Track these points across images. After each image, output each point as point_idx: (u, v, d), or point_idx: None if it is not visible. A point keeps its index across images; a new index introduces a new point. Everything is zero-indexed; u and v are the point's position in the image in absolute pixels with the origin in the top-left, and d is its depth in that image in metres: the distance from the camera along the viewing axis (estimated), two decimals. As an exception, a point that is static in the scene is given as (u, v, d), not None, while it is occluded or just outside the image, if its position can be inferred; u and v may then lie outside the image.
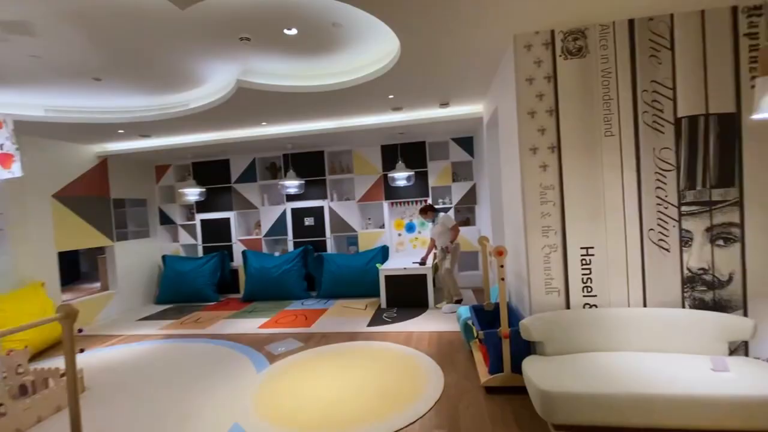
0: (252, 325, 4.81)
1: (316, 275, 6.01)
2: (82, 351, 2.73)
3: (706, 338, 2.41)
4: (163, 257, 6.57)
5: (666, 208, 2.62)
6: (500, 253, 2.66)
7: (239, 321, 5.03)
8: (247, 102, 3.98)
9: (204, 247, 6.69)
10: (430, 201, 6.08)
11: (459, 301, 4.84)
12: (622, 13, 2.52)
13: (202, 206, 6.63)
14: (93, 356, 4.07)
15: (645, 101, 2.61)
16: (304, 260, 6.09)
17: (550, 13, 2.45)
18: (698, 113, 2.56)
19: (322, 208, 6.30)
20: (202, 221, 6.67)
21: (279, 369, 3.40)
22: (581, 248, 2.70)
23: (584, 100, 2.66)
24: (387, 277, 5.13)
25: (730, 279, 2.58)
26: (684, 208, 2.61)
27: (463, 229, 5.95)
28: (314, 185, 6.32)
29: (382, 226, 6.32)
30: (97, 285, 6.88)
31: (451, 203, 6.09)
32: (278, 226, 6.47)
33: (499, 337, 2.68)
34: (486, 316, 3.32)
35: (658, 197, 2.63)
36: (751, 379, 2.03)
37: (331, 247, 6.34)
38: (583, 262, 2.70)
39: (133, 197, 6.39)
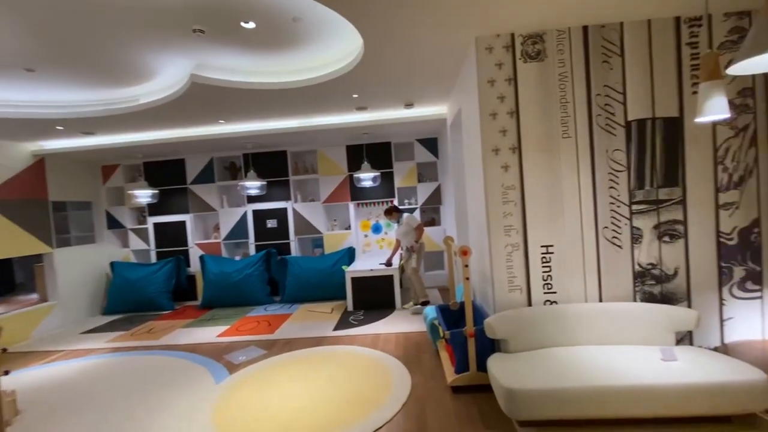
0: (211, 333, 4.56)
1: (279, 279, 5.82)
2: (6, 373, 2.46)
3: (656, 329, 2.55)
4: (112, 264, 6.10)
5: (618, 206, 2.75)
6: (465, 252, 2.68)
7: (197, 330, 4.76)
8: (202, 98, 3.78)
9: (157, 253, 6.29)
10: (396, 202, 6.08)
11: (425, 303, 4.85)
12: (577, 19, 2.62)
13: (155, 209, 6.23)
14: (29, 375, 3.68)
15: (598, 105, 2.72)
16: (266, 264, 5.88)
17: (510, 17, 2.50)
18: (646, 117, 2.71)
19: (285, 209, 6.12)
20: (156, 225, 6.27)
21: (240, 379, 3.23)
22: (542, 246, 2.78)
23: (543, 103, 2.74)
24: (353, 279, 5.06)
25: (676, 273, 2.75)
26: (634, 207, 2.75)
27: (428, 229, 6.01)
28: (277, 186, 6.13)
29: (348, 228, 6.24)
30: (35, 296, 6.28)
31: (416, 204, 6.12)
32: (239, 229, 6.21)
33: (464, 337, 2.69)
34: (452, 316, 3.35)
35: (611, 196, 2.75)
36: (695, 367, 2.16)
37: (295, 249, 6.17)
38: (544, 260, 2.78)
39: (76, 200, 5.89)
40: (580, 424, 2.20)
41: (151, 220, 6.27)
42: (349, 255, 5.84)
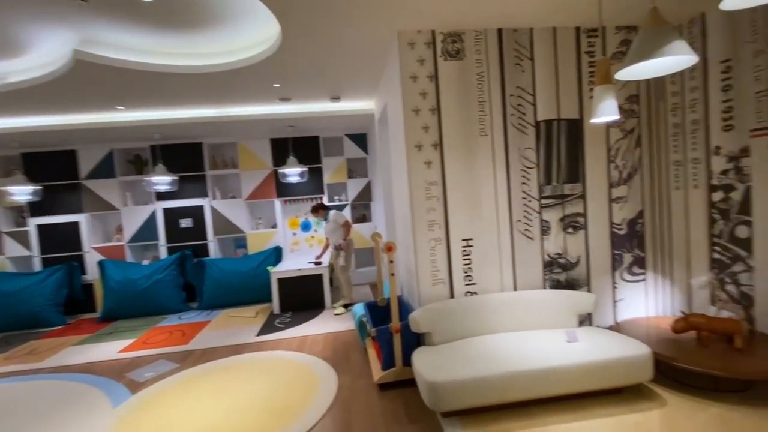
0: (111, 349, 4.01)
1: (196, 284, 5.32)
2: None
3: (562, 313, 2.78)
4: (-21, 275, 5.07)
5: (530, 201, 2.94)
6: (390, 248, 2.66)
7: (93, 346, 4.14)
8: (92, 79, 3.26)
9: (43, 259, 5.37)
10: (325, 198, 5.92)
11: (348, 305, 4.78)
12: (492, 22, 2.72)
13: (38, 208, 5.30)
14: None
15: (512, 105, 2.88)
16: (181, 268, 5.34)
17: (430, 12, 2.51)
18: (552, 118, 2.93)
19: (202, 207, 5.61)
20: (40, 227, 5.34)
21: (145, 398, 2.86)
22: (462, 240, 2.86)
23: (462, 101, 2.82)
24: (280, 280, 4.81)
25: (578, 261, 3.03)
26: (543, 201, 2.96)
27: (359, 226, 5.96)
28: (191, 182, 5.59)
29: (275, 226, 5.93)
30: None
31: (347, 200, 6.02)
32: (146, 230, 5.55)
33: (390, 333, 2.68)
34: (380, 312, 3.32)
35: (523, 192, 2.93)
36: (593, 346, 2.38)
37: (214, 251, 5.69)
38: (464, 253, 2.87)
39: (-75, 198, 4.77)
40: (497, 409, 2.30)
41: (34, 222, 5.33)
42: (276, 255, 5.55)
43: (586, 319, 3.03)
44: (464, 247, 2.87)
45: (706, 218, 2.90)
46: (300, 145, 5.74)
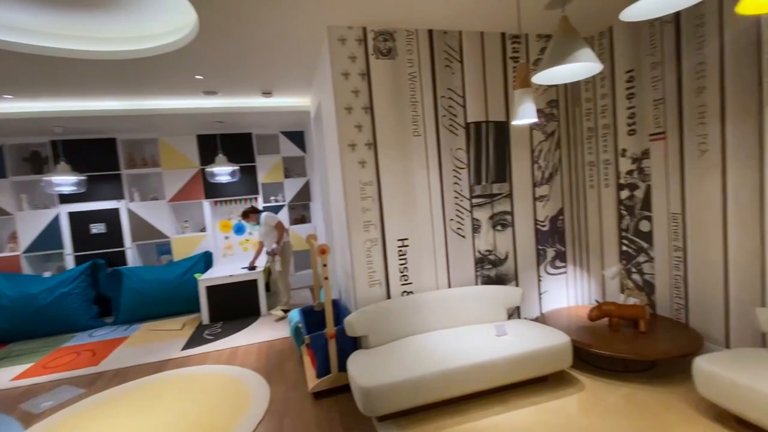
0: (1, 378, 3.43)
1: (111, 296, 4.77)
2: None
3: (493, 308, 2.88)
4: None
5: (461, 200, 3.01)
6: (323, 251, 2.56)
7: (-24, 376, 3.52)
8: (-37, 61, 2.74)
9: None
10: (260, 199, 5.63)
11: (286, 311, 4.60)
12: (423, 22, 2.74)
13: None
14: None
15: (443, 106, 2.92)
16: (93, 279, 4.74)
17: (360, 8, 2.45)
18: (481, 120, 3.02)
19: (117, 210, 5.04)
20: None
21: (39, 434, 2.47)
22: (398, 240, 2.85)
23: (395, 101, 2.80)
24: (209, 288, 4.47)
25: (507, 257, 3.17)
26: (474, 201, 3.05)
27: (298, 228, 5.75)
28: (103, 182, 5.00)
29: (204, 230, 5.51)
30: None
31: (284, 201, 5.78)
32: (48, 238, 4.86)
33: (326, 339, 2.58)
34: (318, 318, 3.20)
35: (455, 191, 2.99)
36: (521, 338, 2.49)
37: (133, 258, 5.15)
38: (400, 252, 2.86)
39: None
40: (431, 407, 2.32)
41: None
42: (206, 261, 5.16)
43: (514, 312, 3.19)
44: (400, 247, 2.86)
45: (616, 214, 3.18)
46: (231, 143, 5.40)
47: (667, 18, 2.63)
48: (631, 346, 2.41)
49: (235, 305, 4.55)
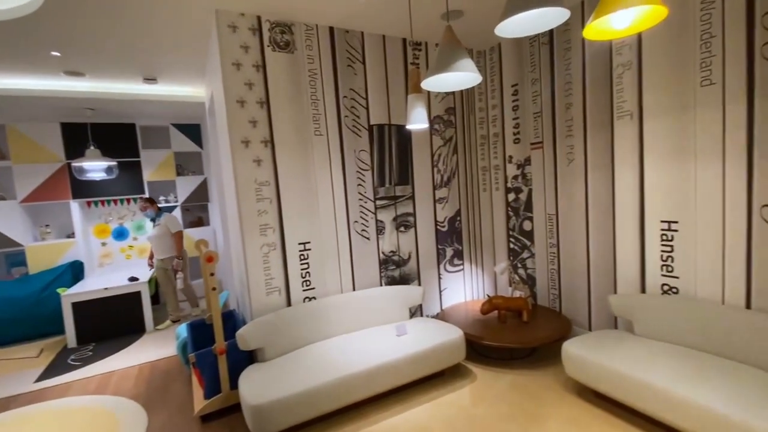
0: None
1: (-67, 322, 3.75)
2: None
3: (396, 308, 2.92)
4: None
5: (366, 202, 3.00)
6: (210, 259, 2.31)
7: None
8: None
9: None
10: (148, 197, 4.95)
11: (176, 321, 4.17)
12: (323, 18, 2.65)
13: None
14: None
15: (346, 106, 2.87)
16: None
17: (252, -6, 2.27)
18: (384, 123, 3.05)
19: (-58, 213, 3.98)
20: None
21: None
22: (299, 244, 2.72)
23: (295, 97, 2.66)
24: (77, 305, 3.78)
25: (409, 257, 3.25)
26: (378, 202, 3.06)
27: (195, 231, 5.21)
28: None
29: (72, 235, 4.66)
30: None
31: (176, 201, 5.18)
32: None
33: (214, 355, 2.34)
34: (210, 331, 2.90)
35: (359, 193, 2.97)
36: (420, 336, 2.56)
37: (-31, 272, 4.12)
38: (302, 257, 2.74)
39: None
40: (331, 416, 2.25)
41: None
42: (74, 272, 4.36)
43: (417, 311, 3.29)
44: (301, 251, 2.73)
45: (505, 215, 3.48)
46: (107, 134, 4.65)
47: (544, 40, 2.95)
48: (515, 335, 2.64)
49: (113, 323, 3.92)
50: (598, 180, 2.69)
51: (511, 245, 3.46)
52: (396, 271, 3.17)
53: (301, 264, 2.74)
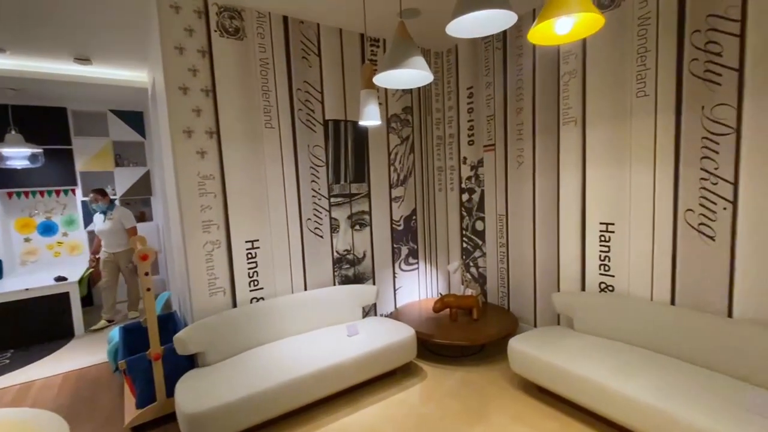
0: None
1: None
2: None
3: (349, 307, 2.87)
4: None
5: (319, 199, 2.92)
6: (144, 257, 2.13)
7: None
8: None
9: None
10: (79, 191, 4.53)
11: (111, 321, 3.89)
12: (276, 6, 2.53)
13: None
14: None
15: (299, 99, 2.77)
16: None
17: (196, -26, 2.12)
18: (340, 118, 2.98)
19: None
20: None
21: None
22: (247, 242, 2.59)
23: (244, 86, 2.53)
24: (-9, 307, 3.37)
25: (364, 256, 3.21)
26: (332, 200, 2.99)
27: (140, 227, 4.82)
28: None
29: (-12, 229, 4.16)
30: None
31: (115, 194, 4.77)
32: None
33: (148, 361, 2.16)
34: (146, 335, 2.69)
35: (313, 190, 2.88)
36: (372, 336, 2.53)
37: None
38: (249, 256, 2.61)
39: None
40: (278, 420, 2.16)
41: None
42: (-11, 270, 3.89)
43: (372, 310, 3.26)
44: (249, 249, 2.60)
45: (459, 215, 3.54)
46: (33, 117, 4.19)
47: (498, 45, 3.02)
48: (465, 333, 2.68)
49: (36, 327, 3.54)
50: (544, 183, 2.80)
51: (465, 244, 3.53)
52: (350, 270, 3.12)
53: (249, 263, 2.61)
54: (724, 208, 1.95)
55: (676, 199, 2.12)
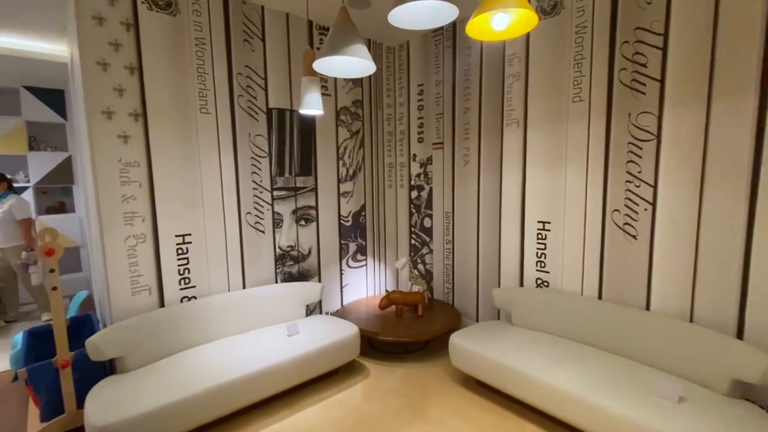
0: None
1: None
2: None
3: (291, 306, 2.76)
4: None
5: (261, 192, 2.77)
6: (49, 252, 1.88)
7: None
8: None
9: None
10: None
11: (12, 321, 3.48)
12: (215, -18, 2.35)
13: None
14: None
15: (240, 84, 2.60)
16: None
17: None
18: (285, 108, 2.85)
19: None
20: None
21: None
22: (177, 236, 2.39)
23: (176, 67, 2.32)
24: None
25: (310, 252, 3.11)
26: (276, 193, 2.85)
27: (54, 219, 4.33)
28: None
29: None
30: None
31: (28, 181, 4.24)
32: None
33: (55, 369, 1.92)
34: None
35: (254, 182, 2.73)
36: (314, 335, 2.44)
37: None
38: (180, 251, 2.41)
39: None
40: (210, 426, 2.01)
41: None
42: None
43: (316, 308, 3.16)
44: (180, 244, 2.40)
45: (408, 212, 3.54)
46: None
47: (448, 43, 3.04)
48: (409, 329, 2.68)
49: None
50: (488, 181, 2.86)
51: (413, 241, 3.54)
52: (294, 267, 3.00)
53: (179, 259, 2.41)
54: (645, 209, 2.09)
55: (605, 200, 2.25)
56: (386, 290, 3.62)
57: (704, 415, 1.55)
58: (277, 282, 2.91)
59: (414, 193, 3.47)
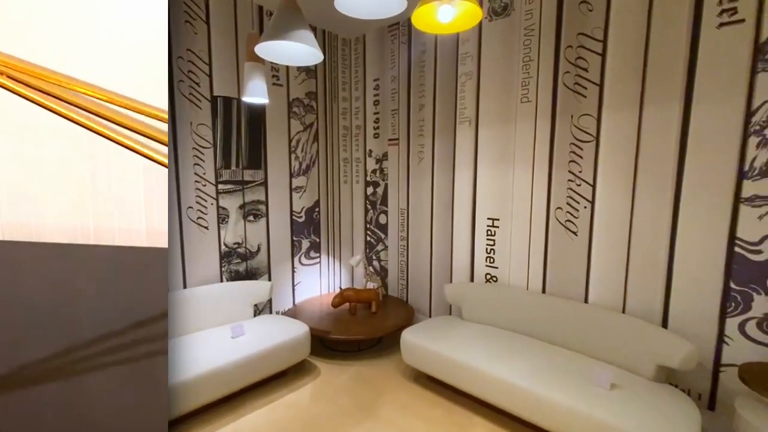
0: None
1: None
2: None
3: (238, 306, 2.62)
4: None
5: (205, 185, 2.60)
6: None
7: None
8: None
9: None
10: None
11: None
12: (151, -45, 2.15)
13: None
14: None
15: (181, 69, 2.42)
16: None
17: None
18: (232, 96, 2.69)
19: None
20: None
21: None
22: (106, 232, 2.17)
23: (106, 46, 2.10)
24: None
25: (259, 249, 2.97)
26: (221, 186, 2.69)
27: None
28: None
29: None
30: None
31: None
32: None
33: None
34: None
35: (196, 174, 2.56)
36: (260, 336, 2.33)
37: None
38: (110, 248, 2.19)
39: None
40: (138, 441, 1.85)
41: None
42: None
43: (266, 307, 3.03)
44: (110, 240, 2.19)
45: (363, 208, 3.49)
46: None
47: (404, 39, 3.02)
48: (362, 327, 2.64)
49: None
50: (442, 179, 2.89)
51: (368, 238, 3.50)
52: (242, 265, 2.86)
53: (110, 257, 2.20)
54: (585, 207, 2.20)
55: (549, 197, 2.34)
56: (340, 288, 3.57)
57: (632, 400, 1.65)
58: (222, 281, 2.75)
59: (370, 190, 3.43)
